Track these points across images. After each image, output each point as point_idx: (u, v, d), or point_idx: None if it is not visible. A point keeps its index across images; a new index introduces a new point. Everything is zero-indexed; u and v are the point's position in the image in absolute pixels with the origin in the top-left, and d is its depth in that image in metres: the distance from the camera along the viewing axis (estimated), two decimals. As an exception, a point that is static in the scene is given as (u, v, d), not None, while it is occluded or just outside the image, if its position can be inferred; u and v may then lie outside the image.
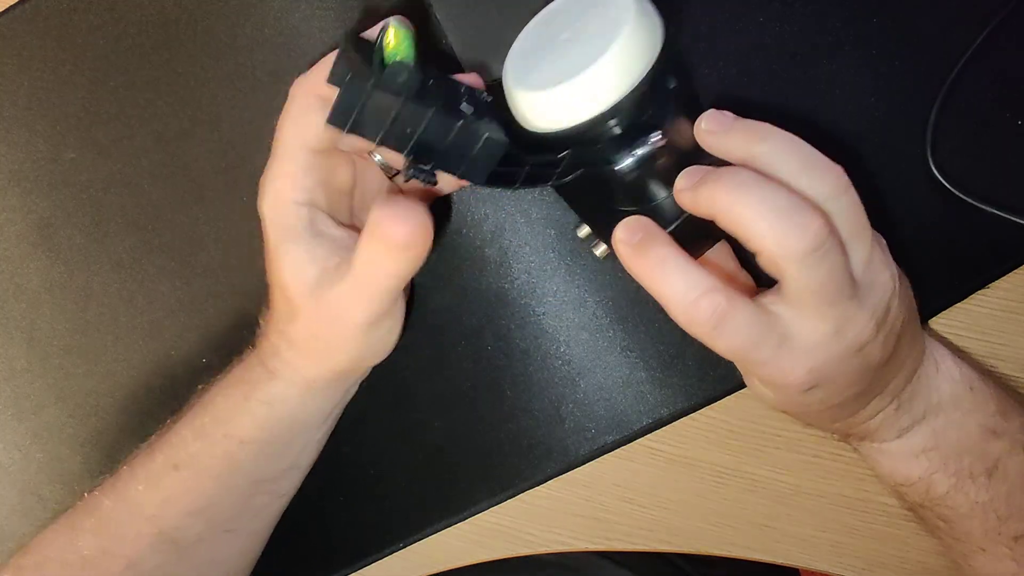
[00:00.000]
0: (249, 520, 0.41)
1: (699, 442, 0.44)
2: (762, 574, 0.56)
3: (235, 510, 0.39)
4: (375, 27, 0.32)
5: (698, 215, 0.30)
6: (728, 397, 0.43)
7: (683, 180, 0.31)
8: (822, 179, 0.29)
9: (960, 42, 0.42)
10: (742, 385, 0.43)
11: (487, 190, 0.44)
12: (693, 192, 0.30)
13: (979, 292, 0.43)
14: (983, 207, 0.41)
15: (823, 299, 0.29)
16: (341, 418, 0.44)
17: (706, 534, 0.44)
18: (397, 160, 0.35)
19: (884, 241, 0.33)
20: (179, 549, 0.38)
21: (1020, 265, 0.42)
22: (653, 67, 0.30)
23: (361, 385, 0.44)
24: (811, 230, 0.27)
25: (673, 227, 0.31)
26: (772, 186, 0.28)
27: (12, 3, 0.46)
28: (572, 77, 0.29)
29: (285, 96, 0.42)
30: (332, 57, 0.30)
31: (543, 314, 0.44)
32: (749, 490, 0.43)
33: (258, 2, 0.45)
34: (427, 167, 0.29)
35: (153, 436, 0.39)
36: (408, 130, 0.28)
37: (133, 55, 0.45)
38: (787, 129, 0.40)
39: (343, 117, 0.28)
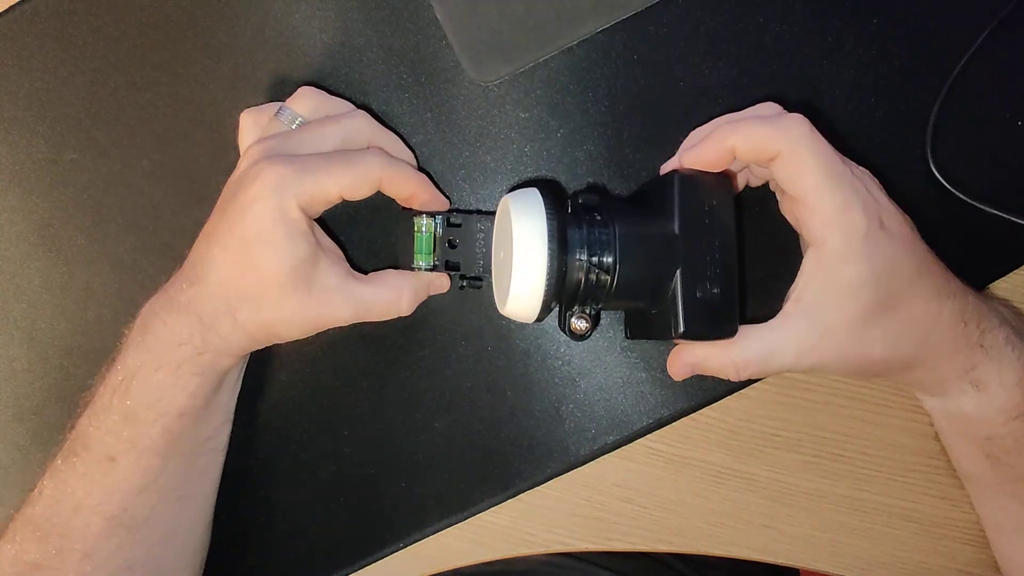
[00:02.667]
0: (197, 482, 0.41)
1: (699, 442, 0.44)
2: (762, 574, 0.56)
3: (182, 475, 0.40)
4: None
5: (715, 160, 0.36)
6: (728, 397, 0.43)
7: (687, 145, 0.38)
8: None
9: (960, 42, 0.42)
10: (742, 385, 0.43)
11: (486, 189, 0.44)
12: (704, 145, 0.36)
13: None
14: (983, 207, 0.41)
15: (831, 169, 0.34)
16: (342, 418, 0.44)
17: (706, 534, 0.44)
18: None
19: None
20: (131, 529, 0.38)
21: (1020, 265, 0.42)
22: (551, 261, 0.34)
23: (362, 386, 0.44)
24: (799, 119, 0.35)
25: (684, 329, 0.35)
26: (753, 113, 0.37)
27: (12, 3, 0.46)
28: (505, 303, 0.36)
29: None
30: (406, 173, 0.40)
31: (543, 314, 0.44)
32: (749, 490, 0.44)
33: (258, 3, 0.45)
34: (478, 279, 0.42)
35: (64, 443, 0.39)
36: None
37: (133, 56, 0.46)
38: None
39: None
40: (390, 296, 0.40)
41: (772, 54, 0.43)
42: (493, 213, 0.40)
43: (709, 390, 0.43)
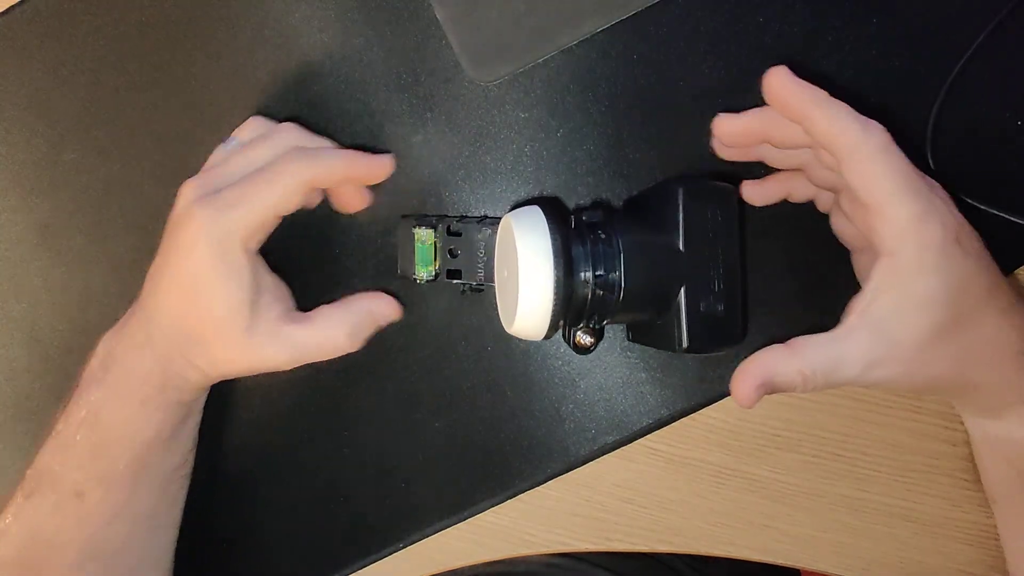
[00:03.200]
0: (167, 510, 0.41)
1: (699, 442, 0.44)
2: (761, 574, 0.56)
3: (152, 505, 0.40)
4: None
5: (788, 106, 0.35)
6: (728, 397, 0.43)
7: (784, 75, 0.35)
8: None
9: (960, 42, 0.42)
10: (742, 385, 0.43)
11: (486, 189, 0.44)
12: (798, 84, 0.35)
13: (979, 292, 0.43)
14: (983, 207, 0.41)
15: (909, 178, 0.33)
16: (342, 419, 0.44)
17: (706, 534, 0.44)
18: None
19: None
20: (102, 562, 0.38)
21: (1020, 265, 0.42)
22: (557, 281, 0.34)
23: (362, 386, 0.44)
24: (880, 127, 0.34)
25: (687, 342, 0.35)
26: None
27: (12, 3, 0.46)
28: (512, 323, 0.35)
29: (285, 97, 0.43)
30: (329, 157, 0.38)
31: (543, 314, 0.44)
32: (749, 490, 0.43)
33: (258, 3, 0.45)
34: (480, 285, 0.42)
35: (26, 479, 0.38)
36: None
37: (133, 56, 0.46)
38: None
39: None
40: (324, 337, 0.39)
41: (772, 54, 0.43)
42: (493, 220, 0.40)
43: (709, 390, 0.43)
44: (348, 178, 0.39)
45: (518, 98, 0.44)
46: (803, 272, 0.36)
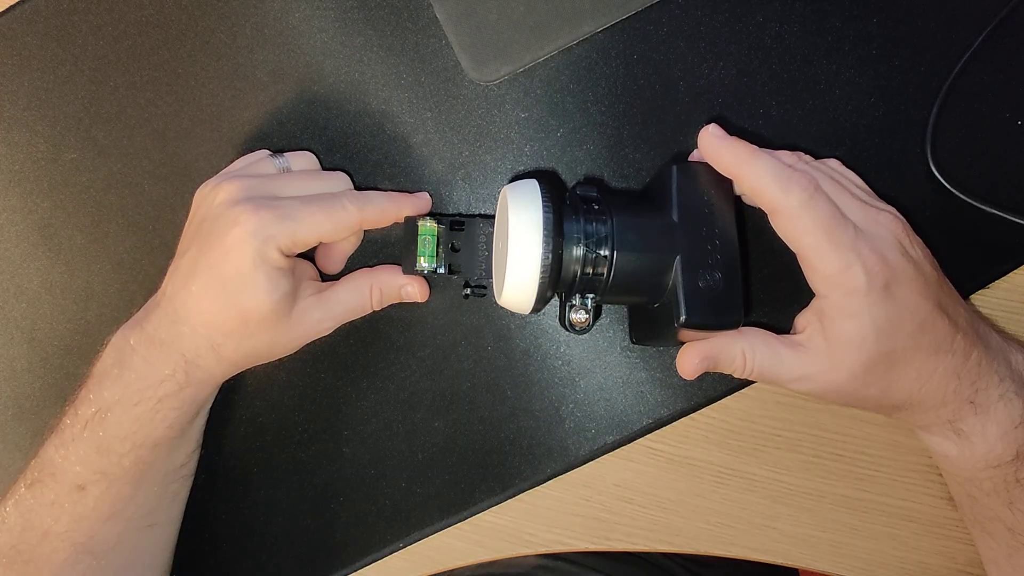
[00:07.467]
0: (166, 509, 0.41)
1: (699, 442, 0.44)
2: (759, 574, 0.56)
3: (153, 503, 0.40)
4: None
5: (719, 166, 0.37)
6: (728, 397, 0.43)
7: (711, 135, 0.37)
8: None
9: (960, 42, 0.42)
10: (742, 385, 0.43)
11: (486, 189, 0.44)
12: (724, 143, 0.36)
13: (979, 292, 0.43)
14: (983, 207, 0.41)
15: (831, 232, 0.34)
16: (342, 418, 0.44)
17: (706, 534, 0.44)
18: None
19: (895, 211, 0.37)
20: (97, 556, 0.38)
21: (1020, 265, 0.42)
22: (545, 252, 0.34)
23: (362, 386, 0.44)
24: (804, 181, 0.35)
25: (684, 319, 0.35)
26: (773, 158, 0.36)
27: (12, 3, 0.46)
28: (501, 293, 0.36)
29: (285, 96, 0.42)
30: (380, 200, 0.41)
31: (543, 314, 0.44)
32: (749, 490, 0.43)
33: (258, 2, 0.45)
34: (482, 287, 0.42)
35: (28, 468, 0.38)
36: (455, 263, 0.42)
37: (133, 55, 0.46)
38: (786, 130, 0.41)
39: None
40: (355, 296, 0.41)
41: (772, 54, 0.43)
42: (495, 217, 0.40)
43: (709, 390, 0.43)
44: (397, 218, 0.41)
45: (518, 98, 0.44)
46: (803, 272, 0.36)
